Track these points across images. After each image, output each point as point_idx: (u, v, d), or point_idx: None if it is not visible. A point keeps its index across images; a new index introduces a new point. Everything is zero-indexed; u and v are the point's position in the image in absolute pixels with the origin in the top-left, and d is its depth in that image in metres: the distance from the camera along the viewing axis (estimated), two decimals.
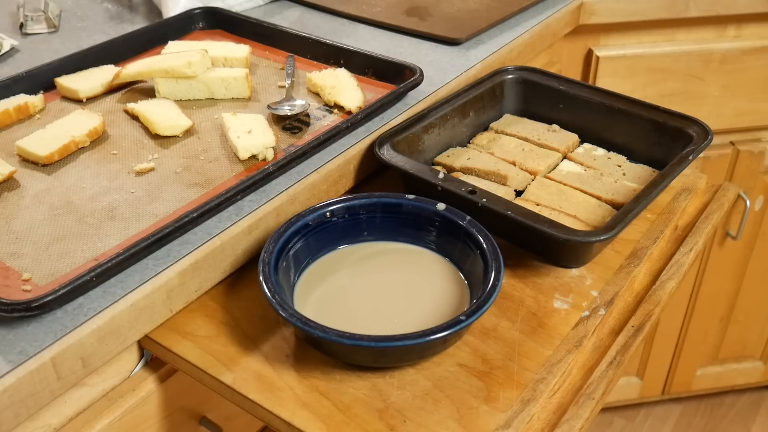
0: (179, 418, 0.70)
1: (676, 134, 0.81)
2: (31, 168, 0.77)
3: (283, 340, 0.65)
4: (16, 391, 0.54)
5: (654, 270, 0.74)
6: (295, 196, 0.73)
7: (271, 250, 0.65)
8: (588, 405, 0.59)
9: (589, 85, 0.90)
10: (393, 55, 0.94)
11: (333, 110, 0.86)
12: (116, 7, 1.13)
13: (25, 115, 0.85)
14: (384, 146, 0.78)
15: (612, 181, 0.81)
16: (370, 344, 0.56)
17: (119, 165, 0.77)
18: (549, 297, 0.68)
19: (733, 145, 1.38)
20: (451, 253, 0.70)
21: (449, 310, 0.64)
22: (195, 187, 0.73)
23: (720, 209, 0.81)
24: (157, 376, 0.67)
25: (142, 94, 0.90)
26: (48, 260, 0.64)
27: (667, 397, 1.75)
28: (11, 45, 0.99)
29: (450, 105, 0.87)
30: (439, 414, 0.58)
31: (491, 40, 1.02)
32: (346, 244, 0.72)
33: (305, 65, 0.96)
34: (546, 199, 0.78)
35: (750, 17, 1.27)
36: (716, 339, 1.64)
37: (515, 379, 0.60)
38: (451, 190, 0.72)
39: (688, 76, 1.29)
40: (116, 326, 0.60)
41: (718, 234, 1.45)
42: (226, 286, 0.70)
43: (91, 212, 0.70)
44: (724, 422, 1.74)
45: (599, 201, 0.78)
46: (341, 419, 0.57)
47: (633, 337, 0.65)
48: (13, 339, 0.57)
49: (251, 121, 0.80)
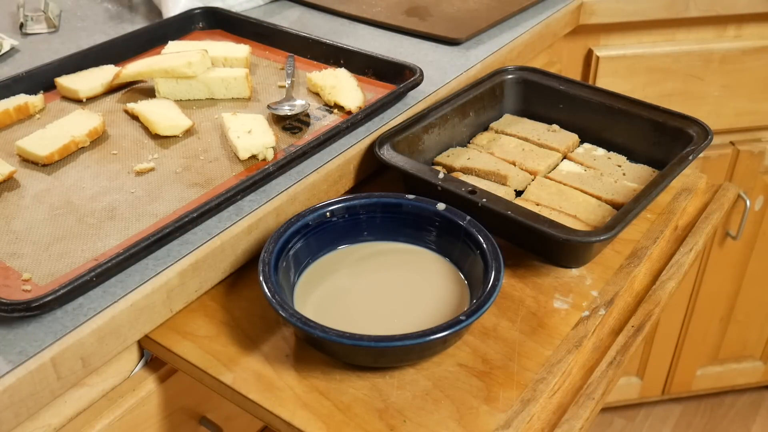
0: (179, 418, 0.70)
1: (676, 134, 0.81)
2: (31, 168, 0.77)
3: (283, 340, 0.65)
4: (16, 391, 0.54)
5: (654, 270, 0.74)
6: (295, 196, 0.73)
7: (271, 250, 0.65)
8: (588, 405, 0.59)
9: (589, 85, 0.90)
10: (393, 55, 0.94)
11: (333, 110, 0.86)
12: (116, 7, 1.13)
13: (25, 115, 0.85)
14: (384, 146, 0.78)
15: (612, 181, 0.81)
16: (370, 344, 0.56)
17: (119, 165, 0.77)
18: (549, 297, 0.68)
19: (733, 145, 1.38)
20: (451, 253, 0.70)
21: (449, 310, 0.64)
22: (195, 187, 0.73)
23: (720, 209, 0.81)
24: (157, 376, 0.67)
25: (142, 94, 0.90)
26: (48, 260, 0.64)
27: (667, 397, 1.75)
28: (11, 45, 0.99)
29: (450, 105, 0.87)
30: (439, 414, 0.58)
31: (491, 40, 1.02)
32: (346, 244, 0.72)
33: (305, 65, 0.96)
34: (546, 199, 0.78)
35: (750, 17, 1.27)
36: (716, 339, 1.64)
37: (515, 379, 0.60)
38: (451, 190, 0.72)
39: (688, 76, 1.29)
40: (116, 326, 0.60)
41: (718, 234, 1.45)
42: (226, 286, 0.70)
43: (91, 212, 0.70)
44: (724, 422, 1.74)
45: (599, 201, 0.78)
46: (341, 419, 0.57)
47: (633, 337, 0.65)
48: (13, 339, 0.57)
49: (251, 121, 0.80)
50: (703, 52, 1.27)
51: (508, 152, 0.85)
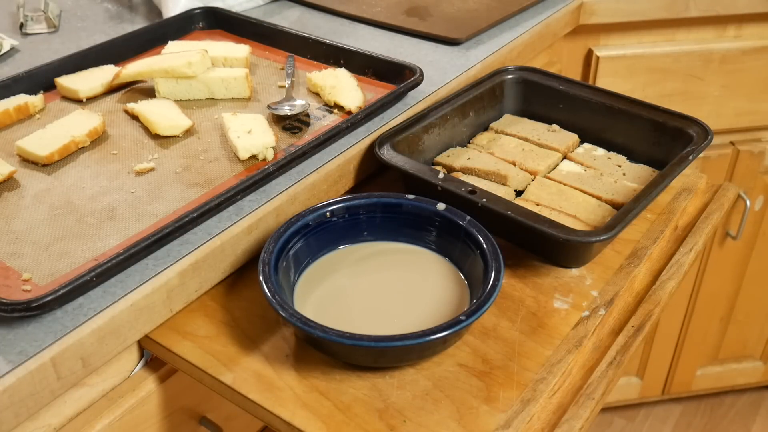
0: (179, 418, 0.70)
1: (676, 134, 0.81)
2: (31, 168, 0.77)
3: (283, 340, 0.65)
4: (16, 391, 0.54)
5: (654, 270, 0.74)
6: (295, 196, 0.73)
7: (271, 250, 0.65)
8: (588, 405, 0.59)
9: (589, 85, 0.90)
10: (393, 55, 0.94)
11: (333, 110, 0.86)
12: (116, 7, 1.13)
13: (25, 115, 0.85)
14: (384, 146, 0.78)
15: (612, 181, 0.81)
16: (370, 344, 0.56)
17: (119, 165, 0.77)
18: (549, 297, 0.68)
19: (733, 145, 1.38)
20: (451, 253, 0.70)
21: (449, 310, 0.64)
22: (195, 187, 0.73)
23: (720, 209, 0.81)
24: (157, 376, 0.67)
25: (142, 94, 0.90)
26: (48, 260, 0.64)
27: (667, 397, 1.75)
28: (11, 45, 0.99)
29: (450, 105, 0.87)
30: (439, 414, 0.58)
31: (491, 40, 1.02)
32: (346, 244, 0.72)
33: (305, 65, 0.96)
34: (546, 199, 0.78)
35: (750, 17, 1.27)
36: (716, 339, 1.64)
37: (515, 379, 0.60)
38: (451, 190, 0.72)
39: (688, 76, 1.29)
40: (116, 326, 0.60)
41: (718, 234, 1.45)
42: (226, 286, 0.70)
43: (91, 212, 0.70)
44: (724, 422, 1.74)
45: (599, 201, 0.78)
46: (341, 419, 0.57)
47: (633, 337, 0.65)
48: (13, 339, 0.57)
49: (251, 121, 0.80)
50: (703, 52, 1.27)
51: (508, 152, 0.85)
